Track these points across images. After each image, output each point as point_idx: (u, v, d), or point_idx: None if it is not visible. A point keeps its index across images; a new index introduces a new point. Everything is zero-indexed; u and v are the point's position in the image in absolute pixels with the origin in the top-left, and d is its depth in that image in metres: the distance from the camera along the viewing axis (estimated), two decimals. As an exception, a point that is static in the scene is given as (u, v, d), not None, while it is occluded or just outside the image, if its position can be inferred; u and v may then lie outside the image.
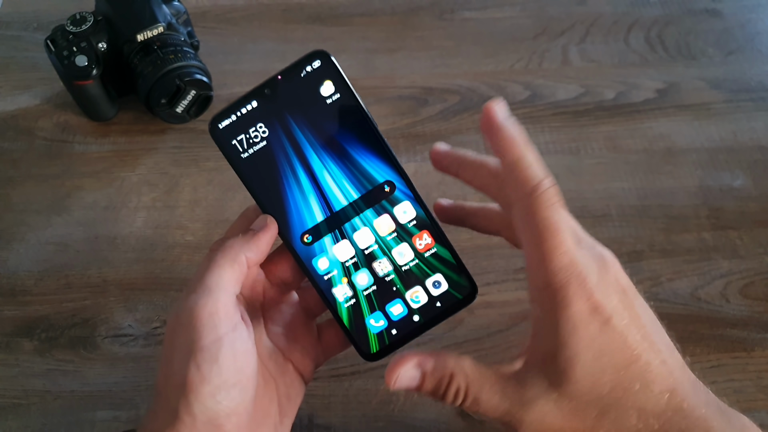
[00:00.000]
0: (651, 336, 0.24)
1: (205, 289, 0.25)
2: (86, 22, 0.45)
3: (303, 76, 0.26)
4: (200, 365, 0.23)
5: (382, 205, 0.28)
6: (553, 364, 0.23)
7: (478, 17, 0.57)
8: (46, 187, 0.45)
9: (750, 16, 0.57)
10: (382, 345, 0.28)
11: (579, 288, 0.23)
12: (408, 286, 0.28)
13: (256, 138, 0.27)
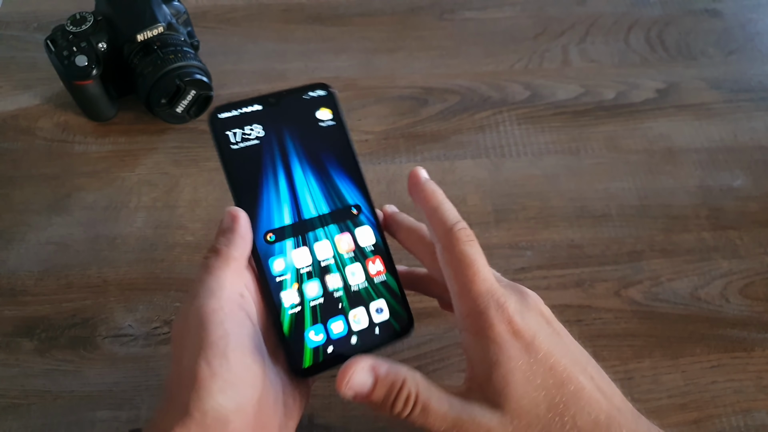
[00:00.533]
0: (581, 363, 0.26)
1: (207, 291, 0.25)
2: (86, 22, 0.45)
3: (306, 98, 0.31)
4: (210, 361, 0.23)
5: (346, 224, 0.30)
6: (490, 385, 0.25)
7: (478, 17, 0.57)
8: (46, 187, 0.45)
9: (750, 16, 0.57)
10: (315, 361, 0.28)
11: (498, 312, 0.25)
12: (353, 305, 0.29)
13: (249, 136, 0.29)
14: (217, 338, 0.24)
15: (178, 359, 0.25)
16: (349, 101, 0.50)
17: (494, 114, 0.50)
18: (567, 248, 0.42)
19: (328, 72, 0.53)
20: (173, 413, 0.23)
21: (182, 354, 0.25)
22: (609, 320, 0.39)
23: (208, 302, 0.25)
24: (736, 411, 0.36)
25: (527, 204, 0.45)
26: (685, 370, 0.37)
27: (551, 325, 0.27)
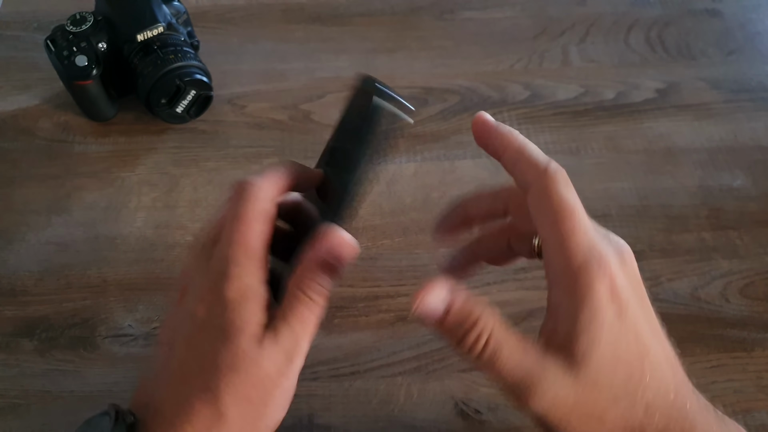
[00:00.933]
0: (658, 333, 0.24)
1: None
2: (86, 22, 0.45)
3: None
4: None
5: None
6: (573, 347, 0.23)
7: (478, 17, 0.57)
8: (46, 188, 0.45)
9: (750, 17, 0.57)
10: None
11: (600, 270, 0.23)
12: None
13: None
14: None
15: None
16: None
17: (494, 114, 0.50)
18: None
19: (328, 72, 0.53)
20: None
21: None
22: (609, 320, 0.39)
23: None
24: (736, 411, 0.36)
25: (527, 204, 0.45)
26: (685, 370, 0.37)
27: (639, 287, 0.25)
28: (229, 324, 0.24)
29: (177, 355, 0.25)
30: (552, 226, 0.23)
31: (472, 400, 0.36)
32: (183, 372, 0.24)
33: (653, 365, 0.23)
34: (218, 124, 0.49)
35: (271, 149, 0.48)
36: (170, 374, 0.25)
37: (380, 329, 0.39)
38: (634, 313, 0.23)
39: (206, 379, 0.23)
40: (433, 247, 0.42)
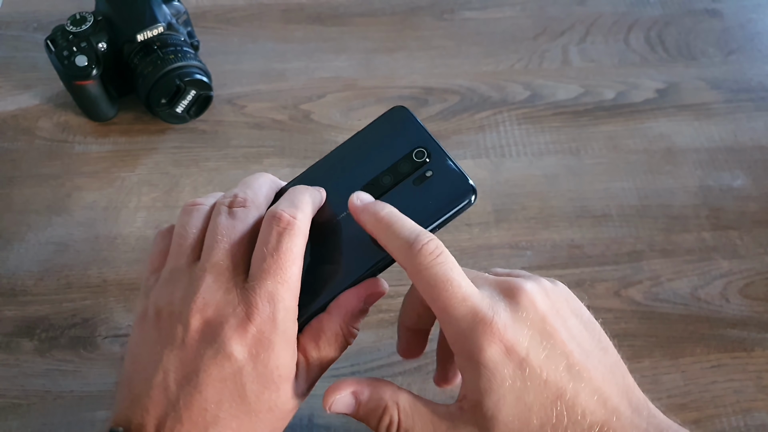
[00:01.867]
0: (580, 363, 0.24)
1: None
2: (86, 22, 0.45)
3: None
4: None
5: None
6: (480, 410, 0.23)
7: (478, 17, 0.57)
8: (46, 187, 0.45)
9: (750, 16, 0.57)
10: None
11: (487, 332, 0.23)
12: None
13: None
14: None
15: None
16: (349, 101, 0.50)
17: (494, 114, 0.50)
18: (567, 248, 0.42)
19: (328, 72, 0.53)
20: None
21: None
22: (609, 320, 0.39)
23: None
24: (736, 411, 0.36)
25: (527, 204, 0.45)
26: (685, 370, 0.37)
27: (546, 323, 0.24)
28: (274, 372, 0.23)
29: (204, 394, 0.23)
30: (432, 304, 0.24)
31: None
32: (217, 414, 0.23)
33: (570, 405, 0.23)
34: (218, 124, 0.49)
35: (271, 149, 0.48)
36: (198, 413, 0.23)
37: (380, 329, 0.39)
38: (538, 358, 0.23)
39: (240, 422, 0.23)
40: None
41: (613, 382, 0.24)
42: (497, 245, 0.42)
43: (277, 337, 0.23)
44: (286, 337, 0.24)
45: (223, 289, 0.24)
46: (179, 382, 0.23)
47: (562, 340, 0.24)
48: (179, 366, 0.23)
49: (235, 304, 0.23)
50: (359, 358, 0.38)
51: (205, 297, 0.24)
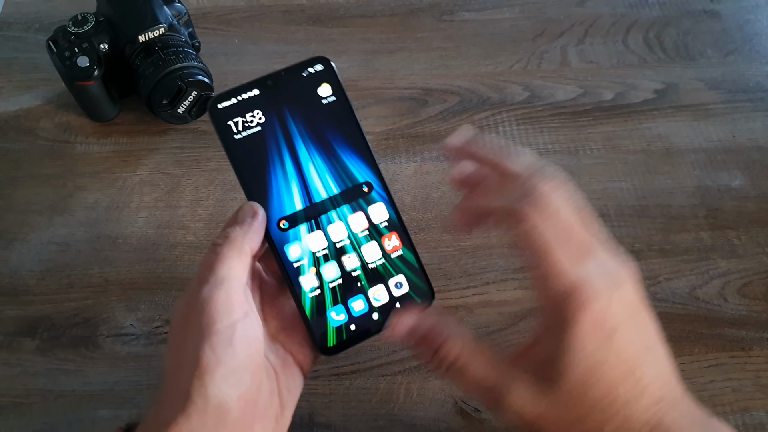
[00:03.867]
0: (652, 349, 0.25)
1: (217, 278, 0.25)
2: (88, 23, 0.45)
3: (305, 76, 0.30)
4: (215, 348, 0.24)
5: (358, 203, 0.29)
6: (548, 370, 0.24)
7: (477, 18, 0.58)
8: (48, 188, 0.46)
9: (748, 17, 0.58)
10: (339, 339, 0.29)
11: (582, 305, 0.23)
12: (372, 283, 0.29)
13: (251, 123, 0.29)
14: (225, 327, 0.24)
15: (179, 345, 0.25)
16: (349, 102, 0.51)
17: (493, 115, 0.50)
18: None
19: (328, 73, 0.53)
20: (173, 401, 0.23)
21: (185, 340, 0.25)
22: (608, 319, 0.39)
23: (218, 291, 0.25)
24: (735, 410, 0.36)
25: (526, 204, 0.45)
26: (683, 370, 0.37)
27: (634, 309, 0.25)
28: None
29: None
30: (533, 262, 0.24)
31: (472, 398, 0.36)
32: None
33: (634, 384, 0.24)
34: (219, 125, 0.49)
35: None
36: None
37: (380, 328, 0.39)
38: (624, 337, 0.24)
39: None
40: (433, 246, 0.42)
41: (669, 369, 0.25)
42: (496, 244, 0.43)
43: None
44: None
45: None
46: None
47: (642, 325, 0.25)
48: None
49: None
50: (359, 357, 0.38)
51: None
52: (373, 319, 0.29)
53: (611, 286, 0.24)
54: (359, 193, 0.29)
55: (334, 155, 0.29)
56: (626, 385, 0.24)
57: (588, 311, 0.23)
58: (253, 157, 0.28)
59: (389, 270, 0.29)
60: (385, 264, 0.29)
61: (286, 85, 0.29)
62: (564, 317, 0.24)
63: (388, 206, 0.29)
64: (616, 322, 0.24)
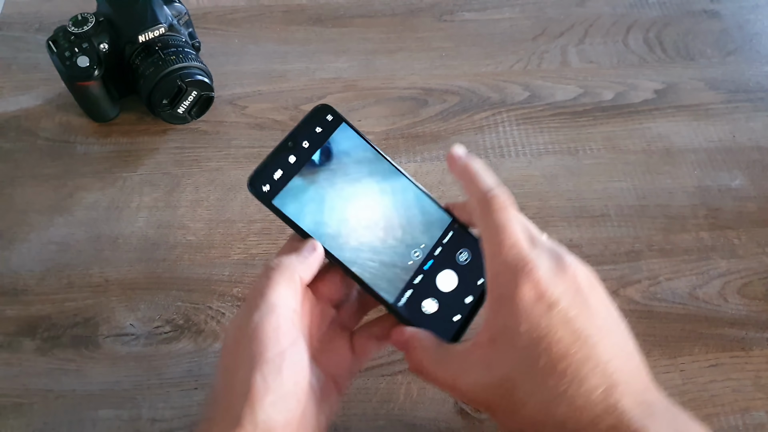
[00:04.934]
0: (601, 335, 0.25)
1: (269, 305, 0.26)
2: (88, 23, 0.45)
3: (317, 127, 0.31)
4: (266, 376, 0.24)
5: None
6: (494, 346, 0.25)
7: (477, 18, 0.58)
8: (48, 188, 0.46)
9: (748, 17, 0.58)
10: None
11: (525, 277, 0.25)
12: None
13: (286, 181, 0.30)
14: (275, 355, 0.25)
15: (231, 368, 0.26)
16: (349, 102, 0.51)
17: (493, 115, 0.50)
18: (566, 248, 0.43)
19: (328, 73, 0.53)
20: (224, 423, 0.24)
21: (236, 364, 0.25)
22: (608, 319, 0.39)
23: (269, 318, 0.26)
24: (735, 410, 0.36)
25: (526, 204, 0.45)
26: (683, 370, 0.38)
27: (580, 293, 0.26)
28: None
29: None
30: (486, 243, 0.27)
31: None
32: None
33: (580, 363, 0.24)
34: (219, 125, 0.49)
35: (272, 149, 0.48)
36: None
37: (380, 328, 0.39)
38: (566, 312, 0.25)
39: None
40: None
41: (628, 358, 0.26)
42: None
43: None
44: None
45: None
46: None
47: (590, 306, 0.26)
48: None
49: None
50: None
51: None
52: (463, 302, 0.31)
53: (556, 267, 0.26)
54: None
55: (380, 193, 0.31)
56: (569, 362, 0.24)
57: (530, 281, 0.25)
58: (306, 210, 0.30)
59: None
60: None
61: (304, 138, 0.31)
62: (504, 292, 0.25)
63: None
64: (557, 296, 0.25)
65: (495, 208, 0.27)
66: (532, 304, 0.25)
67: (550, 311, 0.25)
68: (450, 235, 0.32)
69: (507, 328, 0.25)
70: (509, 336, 0.25)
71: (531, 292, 0.25)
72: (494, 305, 0.26)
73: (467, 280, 0.31)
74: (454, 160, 0.30)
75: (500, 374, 0.25)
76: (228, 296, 0.40)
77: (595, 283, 0.27)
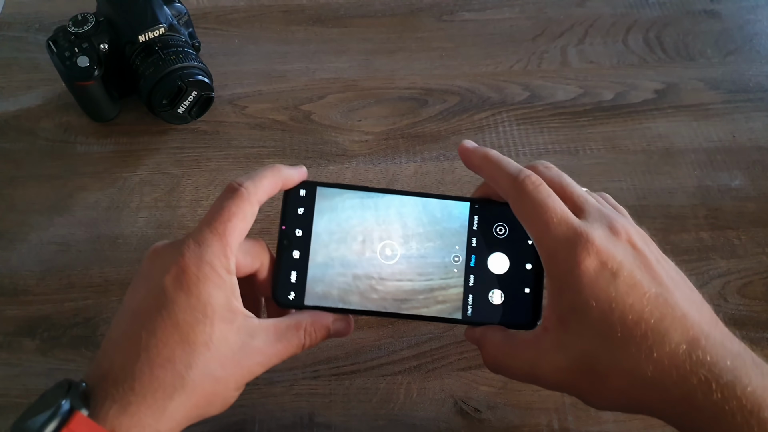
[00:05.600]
0: (669, 291, 0.25)
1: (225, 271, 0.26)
2: (88, 23, 0.45)
3: (300, 212, 0.31)
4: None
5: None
6: (565, 325, 0.25)
7: (477, 18, 0.58)
8: (48, 188, 0.46)
9: (748, 17, 0.58)
10: None
11: (584, 250, 0.25)
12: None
13: (308, 274, 0.30)
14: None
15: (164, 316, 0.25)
16: (349, 102, 0.51)
17: (493, 115, 0.50)
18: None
19: (328, 73, 0.53)
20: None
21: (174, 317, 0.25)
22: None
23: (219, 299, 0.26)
24: (734, 409, 0.36)
25: (526, 204, 0.45)
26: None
27: (640, 254, 0.26)
28: (204, 304, 0.25)
29: (143, 325, 0.25)
30: (531, 227, 0.27)
31: (472, 398, 0.36)
32: (148, 342, 0.25)
33: (657, 322, 0.24)
34: (219, 125, 0.49)
35: (272, 149, 0.48)
36: (132, 344, 0.25)
37: (381, 328, 0.39)
38: (631, 276, 0.25)
39: (173, 351, 0.25)
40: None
41: (701, 310, 0.26)
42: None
43: (203, 275, 0.26)
44: (215, 279, 0.26)
45: (175, 242, 0.27)
46: (124, 316, 0.27)
47: (651, 264, 0.26)
48: (128, 302, 0.27)
49: (176, 248, 0.27)
50: (359, 357, 0.38)
51: (157, 248, 0.28)
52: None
53: (610, 232, 0.26)
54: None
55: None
56: (646, 325, 0.24)
57: (590, 253, 0.25)
58: (336, 292, 0.30)
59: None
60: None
61: (294, 228, 0.30)
62: (564, 268, 0.25)
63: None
64: (619, 262, 0.25)
65: (530, 189, 0.27)
66: (596, 276, 0.24)
67: (616, 279, 0.24)
68: (476, 220, 0.30)
69: (575, 305, 0.25)
70: (579, 313, 0.25)
71: (593, 264, 0.24)
72: (556, 284, 0.26)
73: (516, 251, 0.30)
74: (470, 153, 0.30)
75: (577, 353, 0.25)
76: (228, 296, 0.40)
77: (648, 240, 0.27)
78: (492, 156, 0.29)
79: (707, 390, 0.23)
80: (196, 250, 0.26)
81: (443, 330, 0.39)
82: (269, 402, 0.36)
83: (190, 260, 0.26)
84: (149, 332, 0.25)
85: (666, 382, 0.23)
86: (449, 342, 0.39)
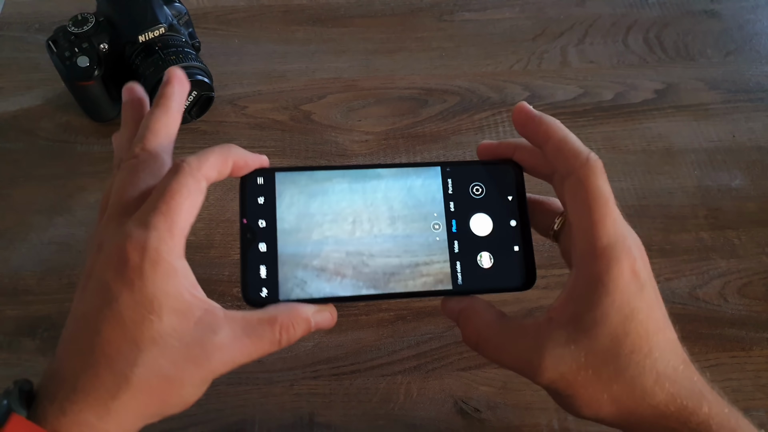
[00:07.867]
0: (663, 317, 0.26)
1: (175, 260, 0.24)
2: (88, 22, 0.45)
3: (260, 201, 0.29)
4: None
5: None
6: (580, 322, 0.25)
7: (477, 18, 0.58)
8: (48, 188, 0.46)
9: (748, 17, 0.58)
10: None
11: (625, 252, 0.25)
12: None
13: (279, 268, 0.28)
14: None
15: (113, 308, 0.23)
16: (349, 102, 0.51)
17: (493, 114, 0.50)
18: None
19: (328, 73, 0.53)
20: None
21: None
22: (608, 319, 0.39)
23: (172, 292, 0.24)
24: (734, 409, 0.36)
25: (526, 204, 0.45)
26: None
27: (651, 275, 0.26)
28: (150, 299, 0.23)
29: (88, 324, 0.24)
30: (585, 212, 0.26)
31: (472, 398, 0.36)
32: (93, 341, 0.23)
33: (665, 341, 0.25)
34: (219, 125, 0.49)
35: (272, 149, 0.48)
36: (77, 344, 0.24)
37: (381, 328, 0.39)
38: (652, 293, 0.25)
39: (117, 350, 0.23)
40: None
41: (674, 339, 0.26)
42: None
43: (148, 264, 0.23)
44: (163, 267, 0.23)
45: (112, 227, 0.24)
46: (73, 316, 0.25)
47: (658, 293, 0.26)
48: (76, 302, 0.25)
49: (115, 235, 0.24)
50: (360, 357, 0.38)
51: (99, 237, 0.25)
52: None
53: (639, 246, 0.26)
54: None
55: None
56: (657, 341, 0.25)
57: (627, 261, 0.25)
58: (315, 284, 0.28)
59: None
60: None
61: (256, 219, 0.29)
62: (603, 267, 0.25)
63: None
64: (645, 276, 0.25)
65: (600, 173, 0.26)
66: (629, 283, 0.25)
67: (641, 292, 0.25)
68: (450, 183, 0.29)
69: (599, 304, 0.24)
70: (601, 314, 0.24)
71: (628, 271, 0.25)
72: (584, 279, 0.25)
73: (497, 209, 0.28)
74: (532, 118, 0.27)
75: (585, 353, 0.25)
76: (228, 296, 0.40)
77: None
78: (562, 128, 0.27)
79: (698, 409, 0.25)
80: (139, 235, 0.23)
81: (443, 330, 0.39)
82: (269, 402, 0.36)
83: (132, 249, 0.23)
84: (94, 331, 0.23)
85: (664, 396, 0.25)
86: (449, 342, 0.39)
